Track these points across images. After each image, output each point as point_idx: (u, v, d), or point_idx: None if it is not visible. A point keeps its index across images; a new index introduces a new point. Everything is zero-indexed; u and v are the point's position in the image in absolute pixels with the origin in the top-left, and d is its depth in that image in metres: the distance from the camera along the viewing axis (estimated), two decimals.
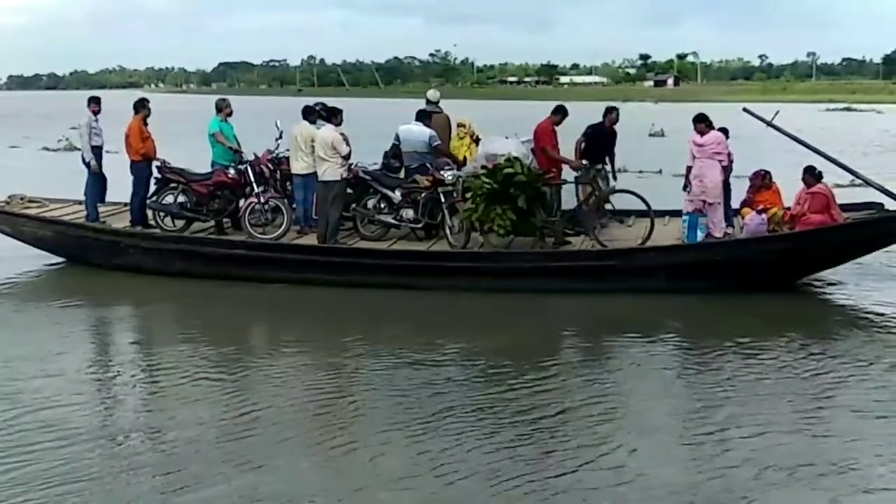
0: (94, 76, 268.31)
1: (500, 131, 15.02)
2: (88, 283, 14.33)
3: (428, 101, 15.74)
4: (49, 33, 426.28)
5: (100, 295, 13.64)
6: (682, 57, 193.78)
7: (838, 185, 18.32)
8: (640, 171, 26.12)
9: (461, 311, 12.60)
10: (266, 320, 12.88)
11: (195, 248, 14.28)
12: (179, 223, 14.87)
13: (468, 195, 13.31)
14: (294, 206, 14.74)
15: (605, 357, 10.82)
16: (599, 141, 14.78)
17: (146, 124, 15.12)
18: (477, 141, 15.26)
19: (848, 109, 74.60)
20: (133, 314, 13.17)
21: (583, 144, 14.69)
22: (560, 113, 14.47)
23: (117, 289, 13.87)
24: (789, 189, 13.96)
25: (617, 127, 14.97)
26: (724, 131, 13.85)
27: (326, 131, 13.84)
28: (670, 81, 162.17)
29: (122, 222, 15.19)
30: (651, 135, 41.04)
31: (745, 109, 14.32)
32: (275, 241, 14.12)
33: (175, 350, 10.90)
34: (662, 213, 14.99)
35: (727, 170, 13.67)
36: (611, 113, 14.93)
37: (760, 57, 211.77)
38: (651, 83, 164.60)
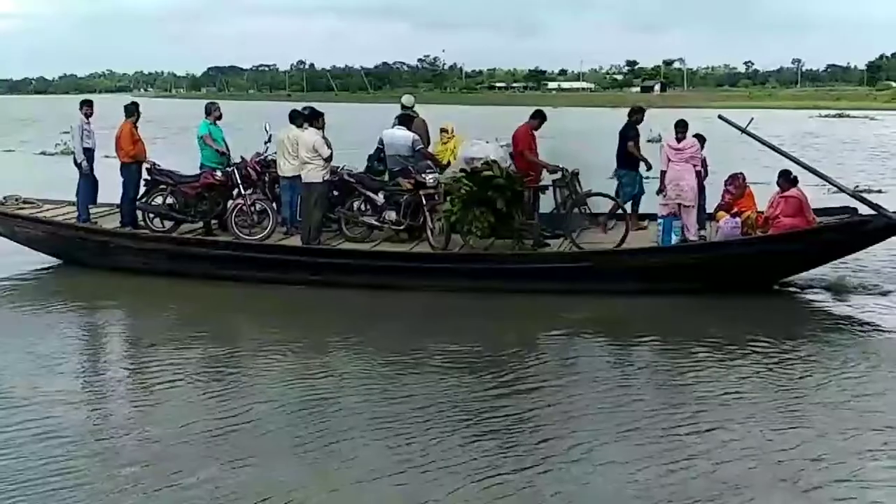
0: (84, 80, 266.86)
1: (486, 136, 15.29)
2: (79, 283, 14.62)
3: (403, 107, 16.05)
4: (38, 37, 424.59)
5: (89, 295, 13.87)
6: (668, 63, 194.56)
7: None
8: (646, 177, 26.34)
9: (441, 311, 12.82)
10: (250, 320, 13.05)
11: (183, 248, 14.57)
12: (168, 224, 15.15)
13: (449, 197, 13.61)
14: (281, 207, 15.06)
15: (582, 357, 10.93)
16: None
17: (136, 127, 15.44)
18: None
19: (840, 116, 73.62)
20: (122, 314, 13.40)
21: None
22: (538, 118, 14.75)
23: (107, 289, 14.12)
24: (767, 193, 14.20)
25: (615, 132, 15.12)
26: (700, 138, 14.22)
27: (308, 134, 14.10)
28: (657, 88, 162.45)
29: (112, 223, 15.44)
30: (649, 140, 41.05)
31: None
32: (260, 242, 14.40)
33: (162, 349, 11.09)
34: (642, 217, 15.26)
35: (700, 174, 14.05)
36: (638, 113, 15.14)
37: (746, 63, 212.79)
38: (638, 89, 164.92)
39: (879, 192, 23.83)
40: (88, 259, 15.11)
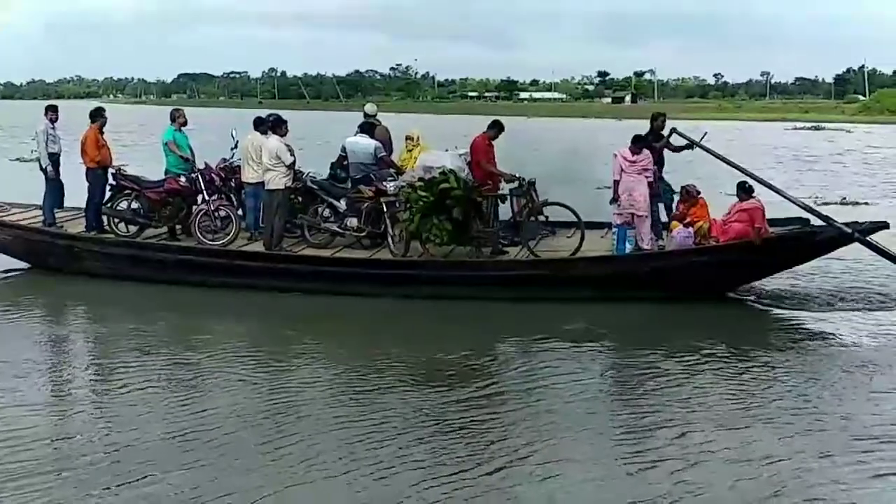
0: (52, 86, 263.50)
1: (452, 145, 15.55)
2: (45, 287, 14.74)
3: (366, 115, 16.32)
4: (5, 42, 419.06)
5: (55, 299, 14.05)
6: (639, 75, 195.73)
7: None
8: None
9: (400, 318, 13.01)
10: (212, 325, 13.09)
11: (146, 253, 14.73)
12: (133, 229, 15.30)
13: (407, 205, 13.78)
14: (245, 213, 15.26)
15: (540, 364, 10.93)
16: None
17: (102, 133, 15.61)
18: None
19: (816, 128, 73.62)
20: (87, 319, 13.47)
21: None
22: (495, 128, 14.93)
23: (72, 293, 14.28)
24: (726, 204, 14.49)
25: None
26: (651, 148, 14.54)
27: (272, 141, 14.32)
28: (628, 99, 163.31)
29: (78, 227, 15.57)
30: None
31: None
32: (222, 248, 14.55)
33: (125, 354, 11.16)
34: (601, 226, 15.41)
35: (653, 185, 14.33)
36: (656, 120, 15.13)
37: (716, 76, 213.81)
38: (609, 100, 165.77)
39: (867, 204, 24.28)
40: (55, 263, 15.22)
